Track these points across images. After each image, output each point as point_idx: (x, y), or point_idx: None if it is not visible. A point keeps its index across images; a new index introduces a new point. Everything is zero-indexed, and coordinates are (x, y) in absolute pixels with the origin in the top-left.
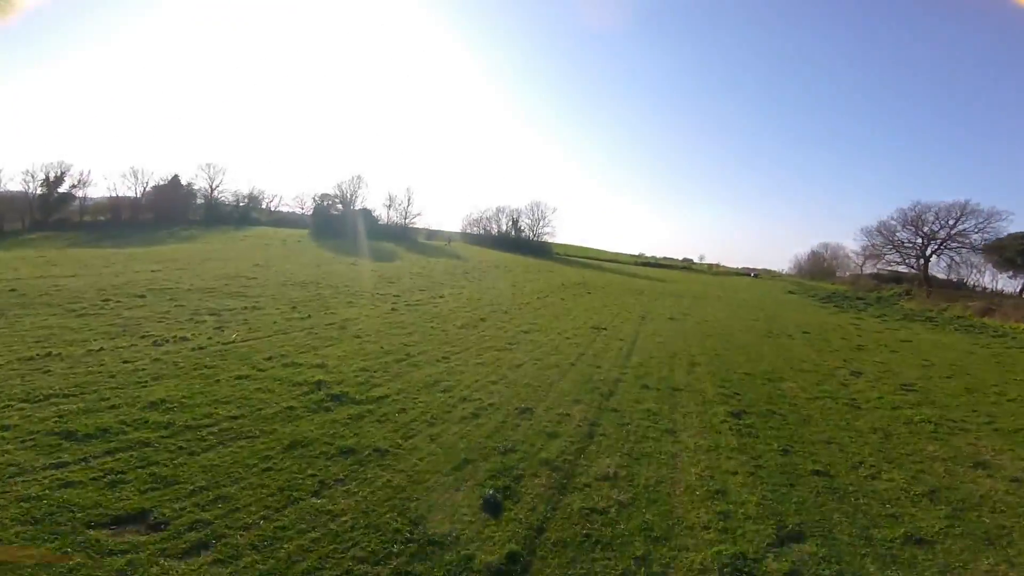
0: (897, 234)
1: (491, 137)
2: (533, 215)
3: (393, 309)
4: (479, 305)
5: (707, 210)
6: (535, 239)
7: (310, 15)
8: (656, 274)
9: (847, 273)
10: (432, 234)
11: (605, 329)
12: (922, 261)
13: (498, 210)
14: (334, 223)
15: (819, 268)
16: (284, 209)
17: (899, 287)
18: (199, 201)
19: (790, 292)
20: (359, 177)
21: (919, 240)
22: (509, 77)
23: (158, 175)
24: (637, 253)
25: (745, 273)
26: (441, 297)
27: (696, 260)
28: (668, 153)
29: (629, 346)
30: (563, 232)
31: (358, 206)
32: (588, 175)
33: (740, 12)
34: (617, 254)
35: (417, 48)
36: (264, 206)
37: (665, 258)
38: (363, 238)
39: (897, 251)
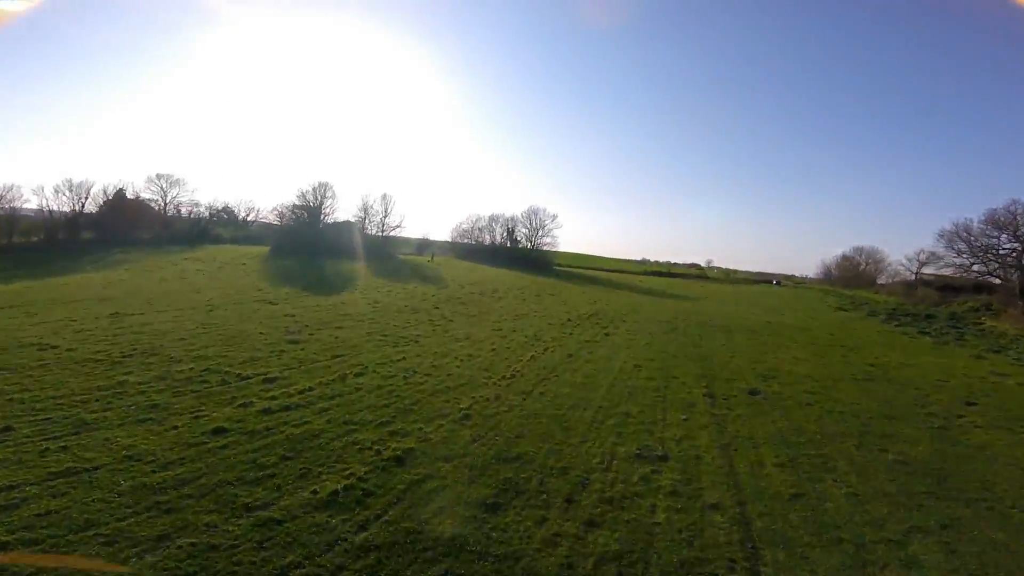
0: (984, 239)
1: (482, 142)
2: (530, 223)
3: (219, 429)
4: (418, 396)
5: (705, 211)
6: (533, 249)
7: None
8: (674, 287)
9: (889, 280)
10: (424, 246)
11: (667, 459)
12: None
13: (491, 219)
14: (297, 239)
15: (853, 274)
16: (265, 222)
17: (973, 299)
18: (157, 216)
19: (840, 308)
20: (326, 185)
21: (1017, 245)
22: (501, 79)
23: (105, 188)
24: (640, 259)
25: (765, 280)
26: (354, 382)
27: (703, 264)
28: (662, 154)
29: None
30: (562, 239)
31: (332, 218)
32: (583, 177)
33: (732, 8)
34: (620, 261)
35: (402, 49)
36: (242, 219)
37: (672, 264)
38: (333, 256)
39: (980, 258)
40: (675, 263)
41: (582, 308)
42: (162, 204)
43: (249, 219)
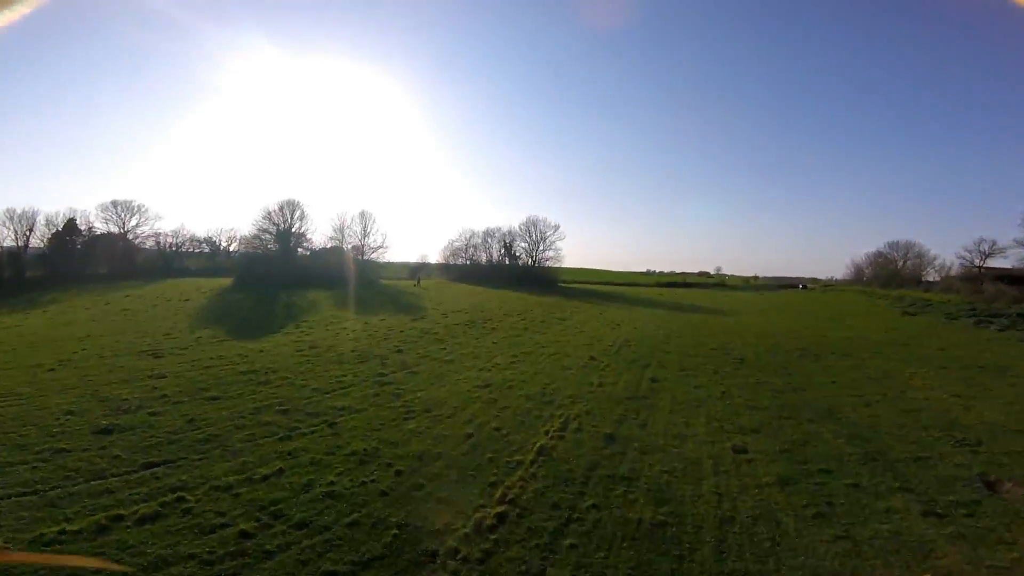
0: None
1: (470, 158)
2: (530, 236)
3: None
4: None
5: (707, 217)
6: (535, 266)
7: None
8: (699, 299)
9: (939, 275)
10: (419, 270)
11: None
12: None
13: (487, 234)
14: (264, 268)
15: (890, 272)
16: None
17: None
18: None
19: (907, 313)
20: (294, 204)
21: None
22: (484, 92)
23: (51, 218)
24: (645, 270)
25: (790, 285)
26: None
27: (713, 272)
28: (659, 160)
29: None
30: (566, 253)
31: (306, 242)
32: (577, 189)
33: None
34: (627, 274)
35: (377, 66)
36: (213, 249)
37: (683, 274)
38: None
39: None
40: (684, 272)
41: (604, 336)
42: (120, 235)
43: (223, 248)
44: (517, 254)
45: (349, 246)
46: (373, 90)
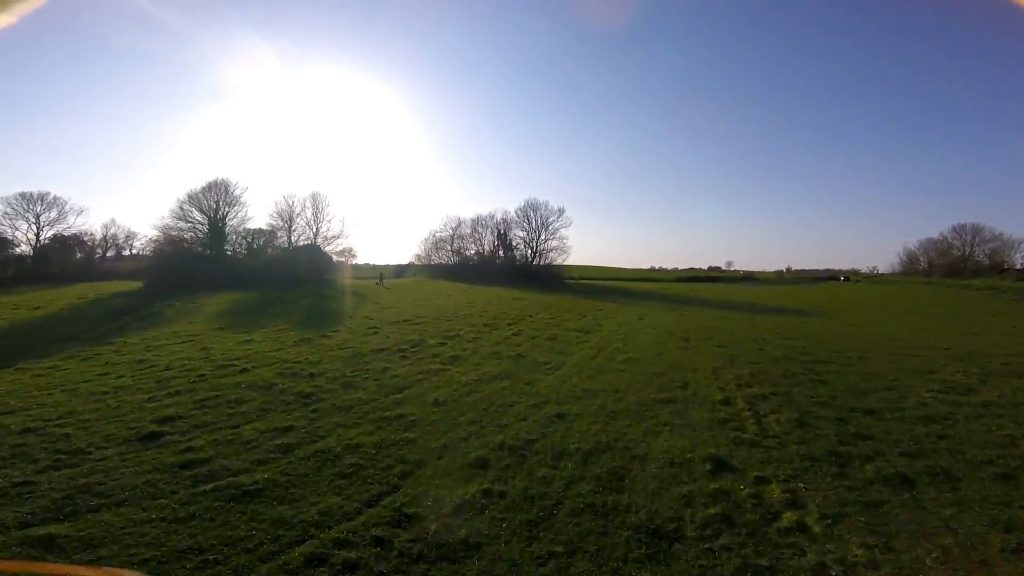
0: None
1: (466, 158)
2: (529, 222)
3: None
4: None
5: (704, 212)
6: (534, 260)
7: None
8: (753, 296)
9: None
10: (402, 271)
11: None
12: None
13: (476, 222)
14: (178, 265)
15: (951, 260)
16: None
17: None
18: (19, 250)
19: None
20: (224, 185)
21: None
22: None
23: None
24: (650, 268)
25: (830, 278)
26: None
27: (724, 267)
28: (655, 154)
29: None
30: (572, 244)
31: (241, 230)
32: (574, 185)
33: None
34: (635, 271)
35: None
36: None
37: (690, 269)
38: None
39: None
40: (691, 268)
41: (677, 360)
42: (35, 232)
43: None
44: (514, 243)
45: (299, 236)
46: (363, 93)
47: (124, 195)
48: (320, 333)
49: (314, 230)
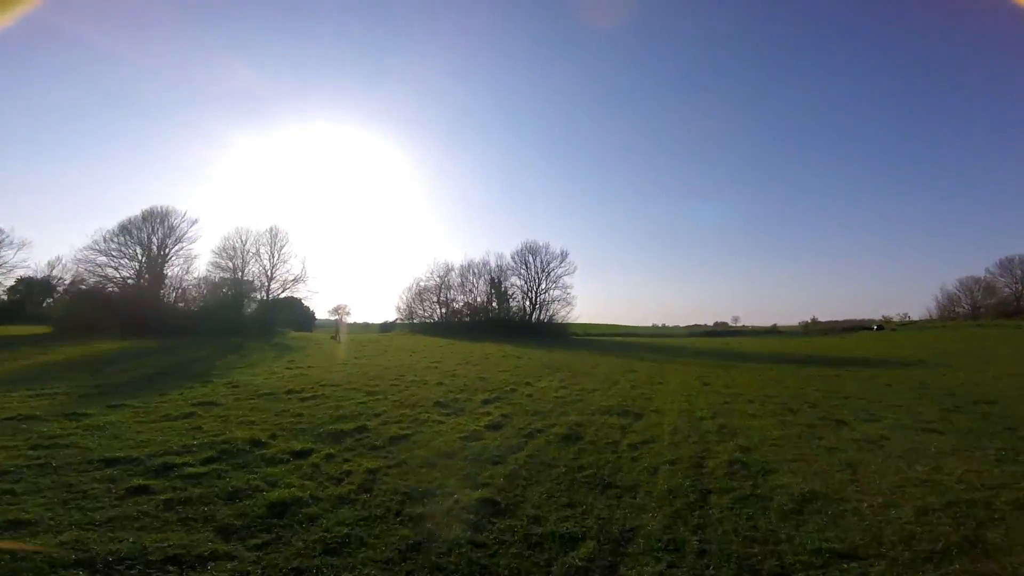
0: None
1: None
2: (527, 269)
3: None
4: None
5: (701, 271)
6: (536, 314)
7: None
8: (824, 348)
9: None
10: (389, 326)
11: None
12: None
13: (467, 269)
14: (96, 306)
15: (1001, 299)
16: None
17: None
18: None
19: None
20: (163, 214)
21: None
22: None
23: None
24: (651, 324)
25: (863, 327)
26: None
27: (731, 323)
28: (655, 214)
29: None
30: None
31: (180, 270)
32: (562, 236)
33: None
34: (648, 328)
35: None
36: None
37: (698, 326)
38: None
39: None
40: (699, 324)
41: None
42: None
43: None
44: (510, 294)
45: (250, 275)
46: (342, 133)
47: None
48: (108, 404)
49: (268, 272)
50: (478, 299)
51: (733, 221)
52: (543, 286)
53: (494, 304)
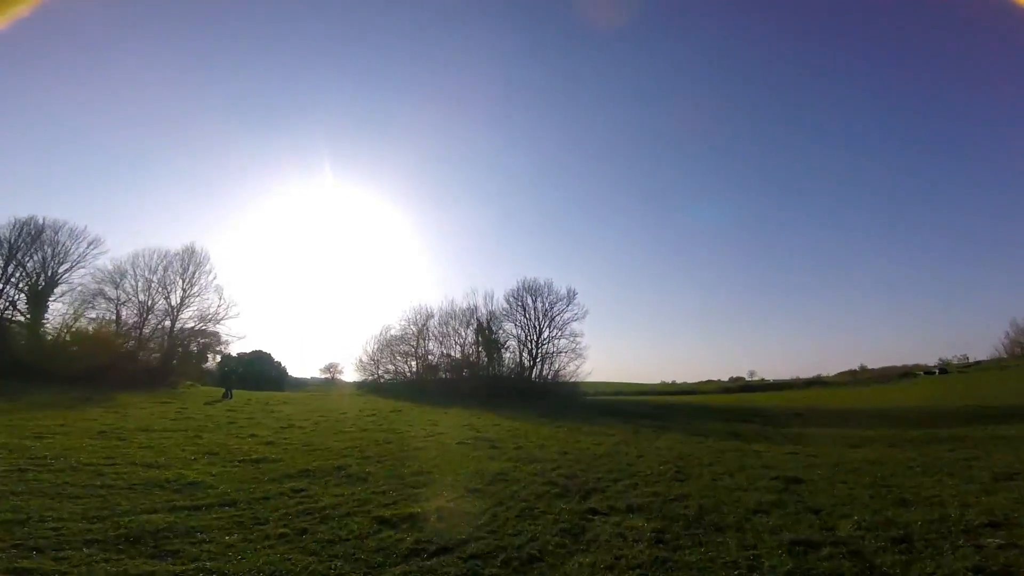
0: None
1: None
2: (527, 312)
3: None
4: None
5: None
6: (537, 370)
7: None
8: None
9: None
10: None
11: None
12: None
13: (448, 317)
14: None
15: None
16: None
17: None
18: None
19: None
20: (40, 227)
21: None
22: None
23: None
24: (659, 381)
25: (925, 372)
26: None
27: (748, 377)
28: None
29: None
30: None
31: (67, 296)
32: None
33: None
34: (652, 385)
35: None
36: None
37: (712, 381)
38: None
39: None
40: (713, 380)
41: None
42: None
43: None
44: (503, 344)
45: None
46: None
47: None
48: None
49: (176, 301)
50: (464, 351)
51: (738, 259)
52: (545, 335)
53: (483, 357)
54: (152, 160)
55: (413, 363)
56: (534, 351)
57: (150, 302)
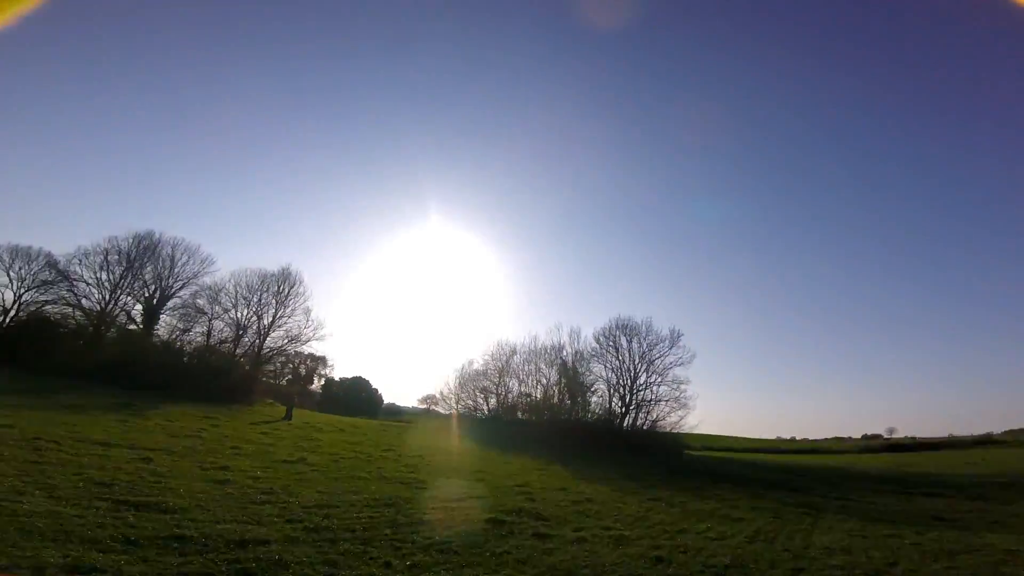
0: None
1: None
2: (620, 354)
3: None
4: None
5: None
6: (632, 420)
7: None
8: None
9: None
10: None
11: None
12: None
13: (534, 356)
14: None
15: None
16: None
17: None
18: None
19: None
20: (153, 242)
21: None
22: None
23: None
24: (774, 437)
25: None
26: None
27: (885, 435)
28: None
29: None
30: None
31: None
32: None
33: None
34: (762, 441)
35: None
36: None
37: (841, 439)
38: None
39: None
40: (844, 438)
41: None
42: None
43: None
44: (591, 387)
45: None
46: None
47: None
48: None
49: (267, 322)
50: (547, 391)
51: (865, 292)
52: (642, 380)
53: (566, 400)
54: (262, 181)
55: (492, 400)
56: (627, 397)
57: (244, 320)
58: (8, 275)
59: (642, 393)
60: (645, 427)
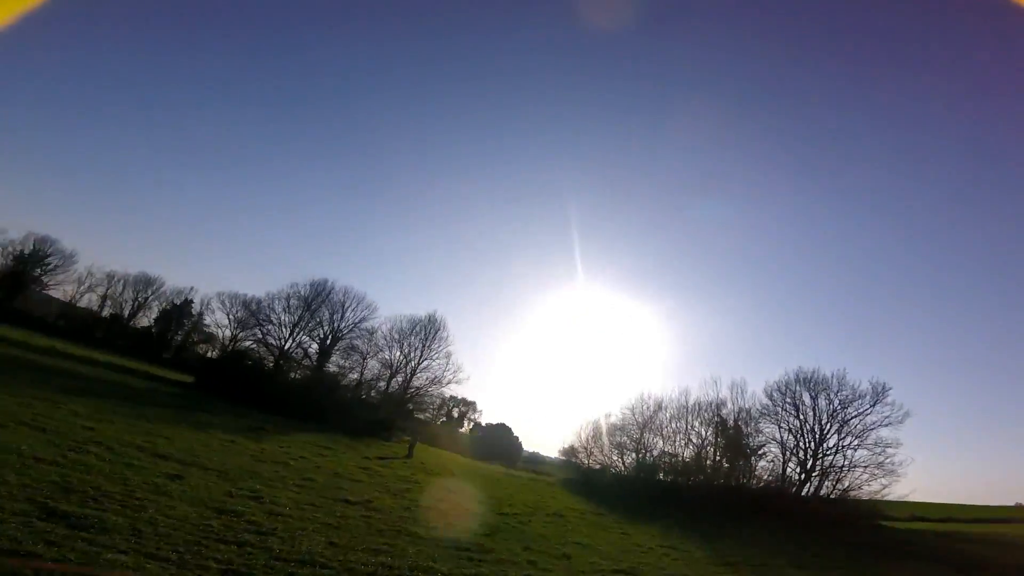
0: None
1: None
2: (800, 413)
3: None
4: None
5: None
6: (814, 487)
7: None
8: None
9: None
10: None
11: None
12: None
13: (685, 411)
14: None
15: None
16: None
17: None
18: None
19: None
20: (328, 288)
21: None
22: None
23: None
24: (1000, 504)
25: None
26: None
27: None
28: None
29: None
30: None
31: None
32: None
33: None
34: (989, 508)
35: None
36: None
37: None
38: None
39: None
40: None
41: None
42: None
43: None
44: (759, 450)
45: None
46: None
47: None
48: None
49: (414, 364)
50: (702, 452)
51: None
52: (832, 442)
53: (722, 461)
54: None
55: (630, 457)
56: (809, 462)
57: (394, 361)
58: (229, 318)
59: (831, 458)
60: (829, 494)
